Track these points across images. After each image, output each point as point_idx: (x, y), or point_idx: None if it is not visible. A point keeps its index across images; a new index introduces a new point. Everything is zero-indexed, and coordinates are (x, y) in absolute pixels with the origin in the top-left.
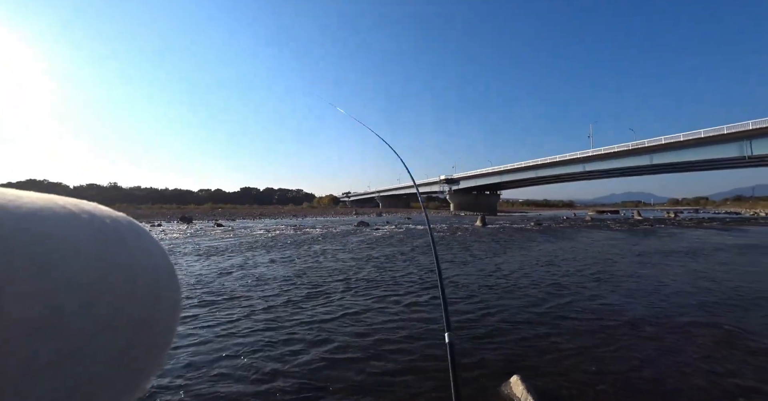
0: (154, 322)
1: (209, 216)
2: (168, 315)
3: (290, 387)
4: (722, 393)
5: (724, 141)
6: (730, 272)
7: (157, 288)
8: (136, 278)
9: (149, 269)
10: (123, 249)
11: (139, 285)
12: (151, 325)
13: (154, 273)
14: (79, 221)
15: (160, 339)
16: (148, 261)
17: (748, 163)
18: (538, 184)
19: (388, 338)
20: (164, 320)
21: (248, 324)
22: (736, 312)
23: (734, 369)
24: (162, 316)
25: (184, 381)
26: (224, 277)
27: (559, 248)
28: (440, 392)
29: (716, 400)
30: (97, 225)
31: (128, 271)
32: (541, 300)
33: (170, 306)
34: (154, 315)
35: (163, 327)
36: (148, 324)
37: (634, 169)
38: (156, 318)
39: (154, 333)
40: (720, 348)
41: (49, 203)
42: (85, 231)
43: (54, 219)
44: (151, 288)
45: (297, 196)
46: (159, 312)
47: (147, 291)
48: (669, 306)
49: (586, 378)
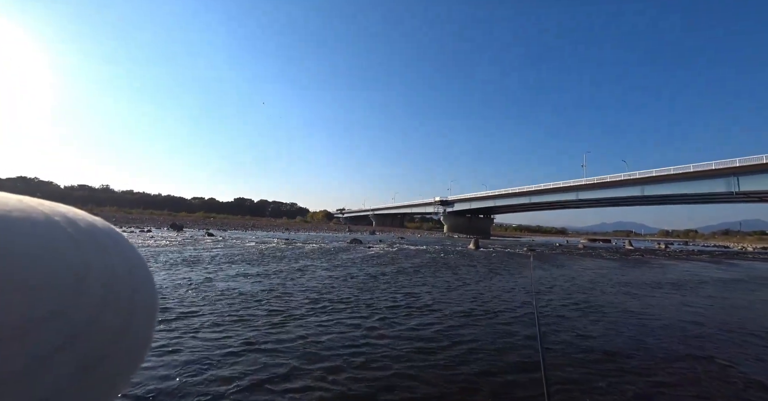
0: (129, 331)
1: (201, 224)
2: (144, 323)
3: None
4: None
5: (712, 176)
6: (722, 306)
7: (134, 295)
8: (111, 284)
9: (126, 275)
10: (98, 255)
11: (115, 292)
12: (126, 334)
13: (130, 280)
14: (53, 224)
15: (134, 348)
16: (125, 267)
17: (736, 198)
18: (531, 210)
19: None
20: (140, 329)
21: (184, 343)
22: (732, 347)
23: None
24: (138, 325)
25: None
26: (189, 290)
27: (550, 275)
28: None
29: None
30: (71, 229)
31: (104, 277)
32: (524, 329)
33: (146, 315)
34: (130, 323)
35: (138, 336)
36: (123, 332)
37: (625, 199)
38: (132, 326)
39: (129, 341)
40: (713, 382)
41: (20, 205)
42: (58, 235)
43: (25, 222)
44: (127, 295)
45: (291, 209)
46: (135, 320)
47: (123, 299)
48: (658, 340)
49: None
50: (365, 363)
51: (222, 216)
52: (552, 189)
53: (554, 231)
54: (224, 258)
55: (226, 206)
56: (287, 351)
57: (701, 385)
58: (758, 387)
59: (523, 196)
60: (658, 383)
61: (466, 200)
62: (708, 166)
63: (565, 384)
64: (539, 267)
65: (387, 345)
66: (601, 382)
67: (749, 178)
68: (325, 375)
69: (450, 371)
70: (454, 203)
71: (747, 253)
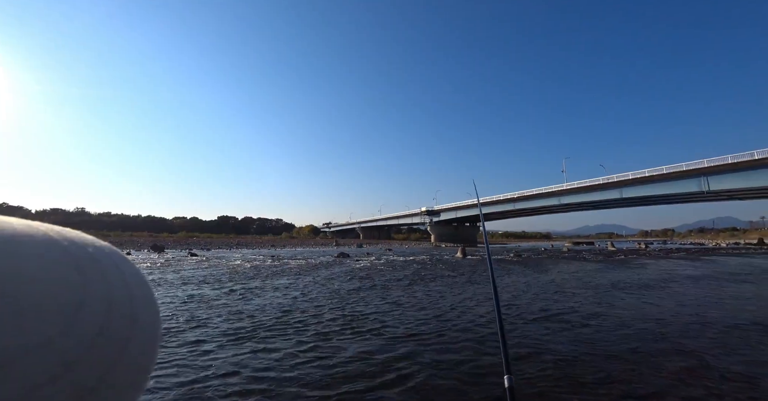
0: (127, 358)
1: (183, 245)
2: (144, 351)
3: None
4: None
5: (684, 177)
6: (702, 300)
7: (133, 322)
8: (110, 311)
9: (126, 303)
10: (100, 281)
11: (114, 319)
12: (124, 362)
13: (130, 308)
14: (57, 248)
15: (133, 376)
16: (126, 294)
17: (707, 197)
18: (516, 217)
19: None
20: (139, 356)
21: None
22: (711, 340)
23: (706, 394)
24: (137, 352)
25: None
26: (168, 311)
27: (536, 280)
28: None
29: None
30: (75, 253)
31: (103, 304)
32: (525, 325)
33: (146, 342)
34: (128, 351)
35: (137, 364)
36: (121, 360)
37: (605, 202)
38: (130, 354)
39: (128, 369)
40: (694, 374)
41: (29, 230)
42: (61, 260)
43: (29, 247)
44: (126, 322)
45: (277, 225)
46: (133, 347)
47: (121, 326)
48: (647, 334)
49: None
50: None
51: (205, 235)
52: (535, 195)
53: (539, 236)
54: (207, 278)
55: (209, 225)
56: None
57: (687, 376)
58: (736, 378)
59: (508, 203)
60: (642, 374)
61: (452, 209)
62: (679, 167)
63: (558, 382)
64: (524, 273)
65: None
66: (590, 376)
67: (717, 178)
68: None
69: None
70: (440, 213)
71: (720, 249)
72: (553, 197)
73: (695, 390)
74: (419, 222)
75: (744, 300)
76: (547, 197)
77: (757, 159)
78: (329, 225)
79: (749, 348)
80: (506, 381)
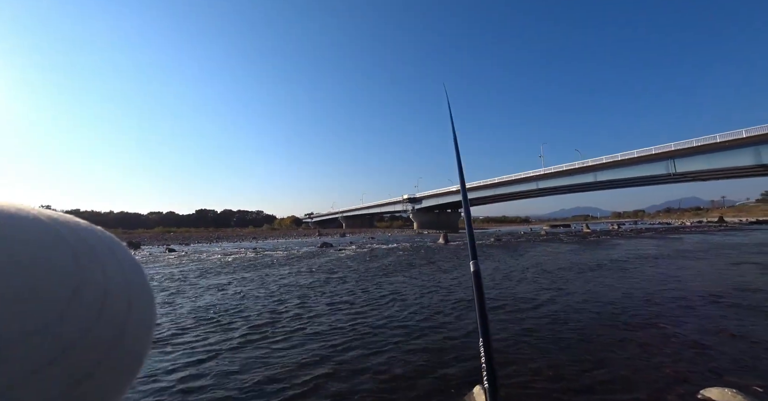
0: (123, 343)
1: (160, 240)
2: (139, 336)
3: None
4: (666, 380)
5: (653, 160)
6: (662, 277)
7: (129, 308)
8: (106, 297)
9: (122, 288)
10: (96, 266)
11: (110, 305)
12: (120, 347)
13: (126, 293)
14: (52, 235)
15: (129, 361)
16: (122, 280)
17: (674, 179)
18: (496, 202)
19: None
20: (135, 341)
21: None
22: (677, 311)
23: (669, 361)
24: (133, 337)
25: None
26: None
27: (517, 261)
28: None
29: (663, 388)
30: (71, 239)
31: (99, 289)
32: (513, 308)
33: (142, 327)
34: (125, 336)
35: (133, 349)
36: (117, 345)
37: (581, 185)
38: (126, 339)
39: (123, 354)
40: (658, 344)
41: (20, 212)
42: (57, 246)
43: (25, 232)
44: (122, 307)
45: (257, 217)
46: (129, 333)
47: (118, 311)
48: (618, 309)
49: (544, 383)
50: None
51: (183, 229)
52: (514, 180)
53: (519, 221)
54: (187, 273)
55: (187, 219)
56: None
57: (652, 345)
58: (692, 345)
59: (488, 189)
60: (617, 348)
61: (433, 196)
62: (649, 151)
63: (534, 358)
64: (506, 255)
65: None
66: (565, 352)
67: (683, 160)
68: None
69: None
70: (422, 200)
71: (685, 228)
72: (531, 182)
73: (657, 359)
74: (401, 210)
75: (699, 275)
76: (525, 182)
77: (719, 142)
78: (311, 216)
79: (702, 319)
80: (471, 266)
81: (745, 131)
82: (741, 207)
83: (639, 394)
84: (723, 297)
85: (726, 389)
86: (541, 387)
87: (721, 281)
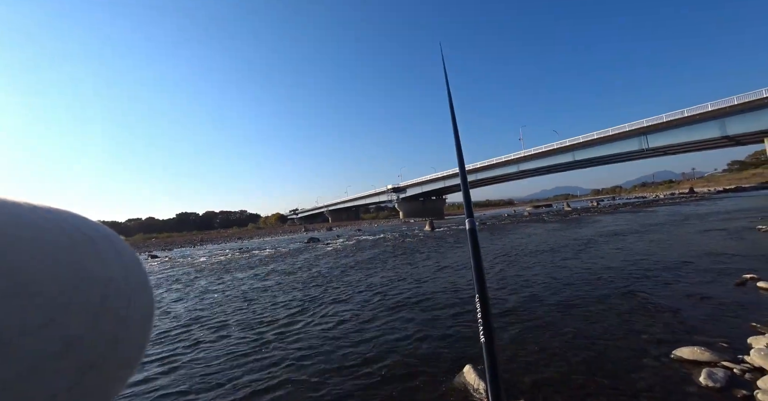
0: (125, 337)
1: (141, 247)
2: (139, 330)
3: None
4: (642, 345)
5: (627, 137)
6: (636, 248)
7: (130, 302)
8: (108, 291)
9: (122, 282)
10: (97, 261)
11: (112, 299)
12: (122, 340)
13: (127, 287)
14: (55, 230)
15: (130, 355)
16: (122, 274)
17: (647, 154)
18: (479, 186)
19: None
20: (135, 335)
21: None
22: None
23: (645, 327)
24: (133, 331)
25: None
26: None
27: (501, 244)
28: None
29: (639, 352)
30: (72, 234)
31: (101, 284)
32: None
33: (142, 321)
34: (126, 330)
35: (134, 343)
36: (120, 339)
37: (560, 165)
38: (127, 333)
39: (125, 348)
40: (635, 312)
41: (19, 206)
42: (59, 241)
43: (27, 226)
44: (123, 302)
45: (241, 217)
46: (131, 327)
47: (119, 305)
48: (597, 283)
49: (528, 358)
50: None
51: (165, 235)
52: (495, 164)
53: (502, 204)
54: (173, 278)
55: (168, 224)
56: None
57: (629, 314)
58: (665, 310)
59: (470, 174)
60: (595, 319)
61: (417, 184)
62: (622, 128)
63: (521, 335)
64: (489, 238)
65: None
66: (549, 328)
67: (655, 136)
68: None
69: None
70: (406, 189)
71: (659, 200)
72: (512, 165)
73: (633, 326)
74: (386, 200)
75: (670, 245)
76: (506, 165)
77: (686, 116)
78: (296, 212)
79: (674, 285)
80: (467, 224)
81: (711, 105)
82: (710, 178)
83: (616, 360)
84: (692, 264)
85: (696, 347)
86: (524, 360)
87: (690, 249)
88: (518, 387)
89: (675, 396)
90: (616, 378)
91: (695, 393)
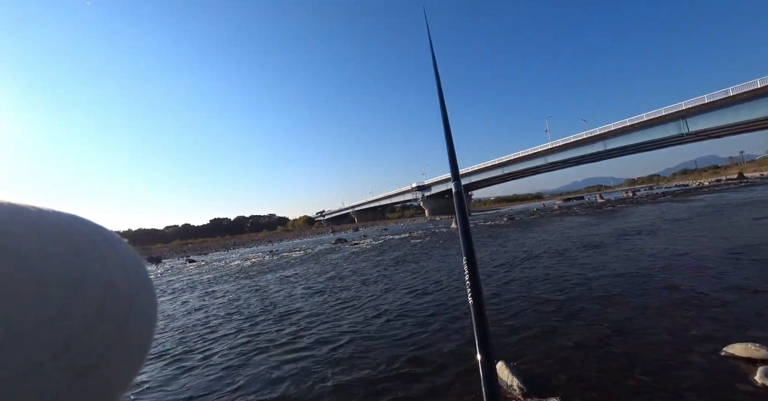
0: (125, 339)
1: (179, 253)
2: (141, 331)
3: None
4: (690, 341)
5: (664, 122)
6: (686, 238)
7: (131, 303)
8: (108, 292)
9: (123, 283)
10: (97, 262)
11: (111, 300)
12: (122, 342)
13: (127, 288)
14: (54, 230)
15: (131, 356)
16: (123, 275)
17: (687, 139)
18: (506, 181)
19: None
20: (137, 337)
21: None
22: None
23: (690, 321)
24: (134, 333)
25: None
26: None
27: (531, 239)
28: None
29: (687, 349)
30: (72, 235)
31: (100, 285)
32: (511, 284)
33: (144, 323)
34: (126, 331)
35: (135, 344)
36: (119, 340)
37: (590, 156)
38: (128, 334)
39: (126, 349)
40: (681, 306)
41: (20, 208)
42: (59, 241)
43: (27, 227)
44: (124, 303)
45: (270, 221)
46: (131, 328)
47: (119, 307)
48: (638, 277)
49: (563, 354)
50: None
51: (200, 240)
52: (521, 157)
53: (531, 198)
54: (208, 280)
55: (202, 230)
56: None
57: (671, 309)
58: (715, 304)
59: (496, 169)
60: (634, 315)
61: (442, 181)
62: (659, 112)
63: (552, 330)
64: (518, 233)
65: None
66: (581, 322)
67: (696, 119)
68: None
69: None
70: (431, 186)
71: (704, 188)
72: (539, 157)
73: (680, 321)
74: (412, 199)
75: (717, 235)
76: (533, 158)
77: (732, 95)
78: (323, 214)
79: (723, 277)
80: (453, 187)
81: (760, 81)
82: (762, 161)
83: (658, 357)
84: (743, 254)
85: (749, 344)
86: (563, 356)
87: (741, 238)
88: (553, 383)
89: (727, 395)
90: (657, 375)
91: (750, 392)
